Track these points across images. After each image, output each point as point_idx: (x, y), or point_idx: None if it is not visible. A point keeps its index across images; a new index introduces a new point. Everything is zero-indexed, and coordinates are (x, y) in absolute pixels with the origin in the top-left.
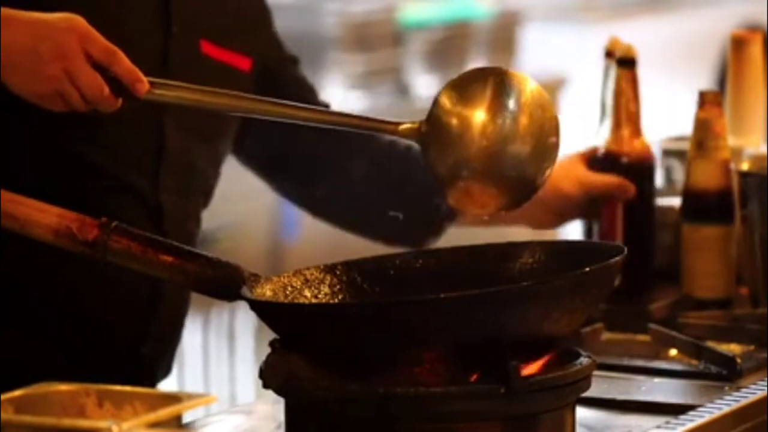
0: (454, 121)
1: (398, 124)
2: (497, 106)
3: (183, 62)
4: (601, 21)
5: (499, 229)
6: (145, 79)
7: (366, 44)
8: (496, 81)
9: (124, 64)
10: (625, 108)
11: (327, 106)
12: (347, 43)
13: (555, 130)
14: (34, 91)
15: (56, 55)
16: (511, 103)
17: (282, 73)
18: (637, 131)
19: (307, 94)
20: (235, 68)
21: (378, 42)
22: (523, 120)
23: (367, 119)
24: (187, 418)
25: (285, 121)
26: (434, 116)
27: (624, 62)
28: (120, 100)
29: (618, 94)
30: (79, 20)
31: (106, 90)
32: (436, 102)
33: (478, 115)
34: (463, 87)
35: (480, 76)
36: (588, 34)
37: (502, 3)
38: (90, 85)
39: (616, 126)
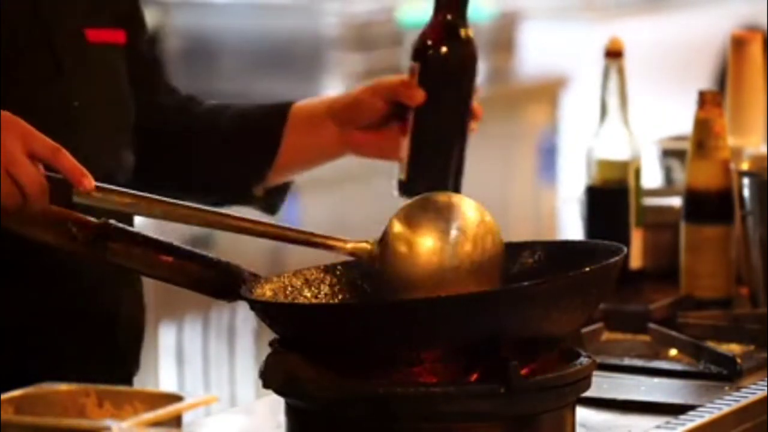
0: (403, 247)
1: (347, 242)
2: (443, 233)
3: (75, 60)
4: (601, 21)
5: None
6: (89, 175)
7: (366, 44)
8: (442, 209)
9: (68, 160)
10: None
11: (174, 89)
12: (347, 43)
13: (498, 257)
14: None
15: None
16: (455, 231)
17: (138, 44)
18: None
19: (152, 75)
20: (116, 45)
21: (378, 42)
22: (467, 247)
23: (317, 236)
24: (187, 418)
25: (233, 232)
26: (385, 240)
27: None
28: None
29: None
30: (19, 120)
31: (45, 186)
32: (388, 227)
33: (426, 241)
34: (413, 215)
35: (429, 205)
36: (588, 34)
37: (502, 3)
38: (31, 182)
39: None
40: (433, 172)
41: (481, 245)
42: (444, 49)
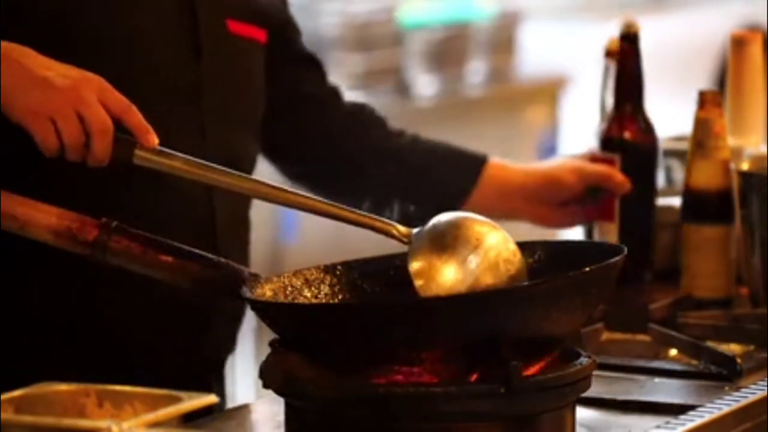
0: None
1: (394, 226)
2: (464, 262)
3: (214, 48)
4: (601, 21)
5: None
6: (155, 134)
7: (366, 44)
8: (470, 238)
9: (138, 117)
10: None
11: (336, 89)
12: (347, 43)
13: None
14: (34, 114)
15: (70, 89)
16: (474, 260)
17: (289, 45)
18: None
19: (311, 74)
20: (256, 41)
21: (378, 42)
22: (488, 279)
23: (365, 216)
24: (187, 418)
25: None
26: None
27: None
28: (107, 160)
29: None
30: (101, 79)
31: (111, 132)
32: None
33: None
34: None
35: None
36: (588, 34)
37: (502, 3)
38: (99, 124)
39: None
40: (641, 253)
41: (501, 276)
42: (640, 138)
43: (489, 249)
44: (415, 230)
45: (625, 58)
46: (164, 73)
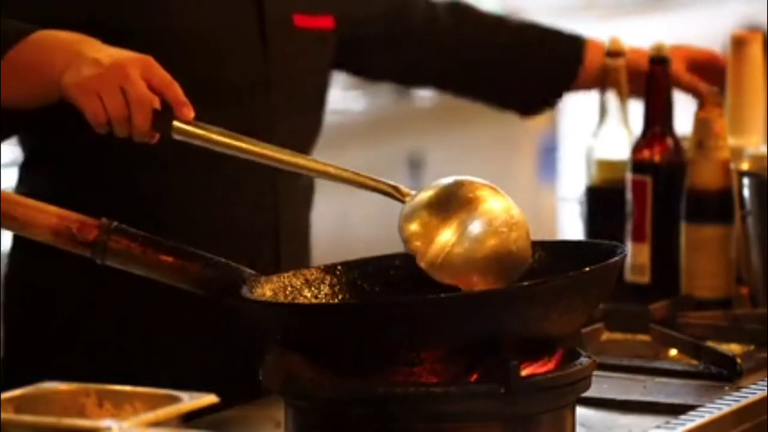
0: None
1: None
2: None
3: (281, 45)
4: (602, 20)
5: None
6: (192, 108)
7: None
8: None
9: (176, 91)
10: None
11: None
12: None
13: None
14: (83, 90)
15: (116, 66)
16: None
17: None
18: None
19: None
20: (323, 30)
21: None
22: (491, 241)
23: (369, 179)
24: (187, 418)
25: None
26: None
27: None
28: (156, 135)
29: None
30: (148, 57)
31: (150, 106)
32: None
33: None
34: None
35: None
36: (588, 34)
37: (503, 3)
38: (139, 98)
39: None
40: (671, 274)
41: (503, 240)
42: (670, 160)
43: (488, 211)
44: (413, 192)
45: (655, 81)
46: (232, 70)
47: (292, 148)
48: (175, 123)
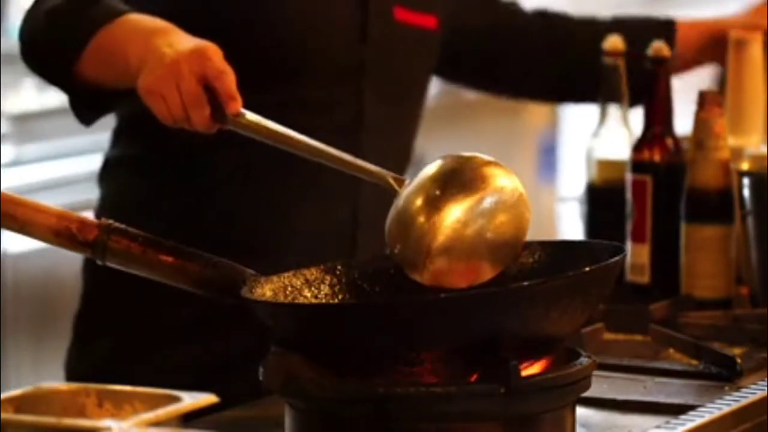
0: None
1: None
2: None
3: (380, 33)
4: None
5: None
6: (240, 101)
7: None
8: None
9: (226, 82)
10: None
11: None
12: None
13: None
14: (149, 92)
15: (174, 63)
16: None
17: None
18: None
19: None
20: (424, 29)
21: None
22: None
23: (363, 165)
24: (187, 418)
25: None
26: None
27: (656, 61)
28: (216, 126)
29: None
30: (209, 48)
31: (202, 101)
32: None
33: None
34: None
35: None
36: None
37: None
38: (190, 96)
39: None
40: (672, 275)
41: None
42: (670, 161)
43: (499, 190)
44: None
45: (655, 81)
46: (330, 55)
47: (380, 140)
48: (229, 120)
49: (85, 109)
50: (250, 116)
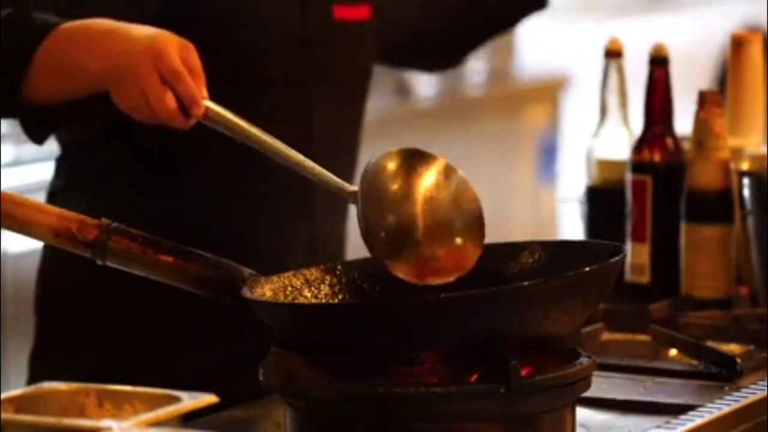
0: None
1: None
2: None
3: (321, 35)
4: (601, 21)
5: (499, 229)
6: (202, 103)
7: None
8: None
9: (186, 85)
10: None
11: None
12: None
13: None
14: (123, 105)
15: (132, 77)
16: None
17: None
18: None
19: None
20: (362, 22)
21: None
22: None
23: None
24: (187, 418)
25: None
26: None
27: (656, 61)
28: (192, 120)
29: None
30: (161, 39)
31: (173, 105)
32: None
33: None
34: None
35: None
36: (588, 34)
37: None
38: (157, 101)
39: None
40: (672, 274)
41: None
42: (670, 161)
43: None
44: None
45: (655, 81)
46: (275, 64)
47: (330, 146)
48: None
49: (37, 128)
50: (219, 110)
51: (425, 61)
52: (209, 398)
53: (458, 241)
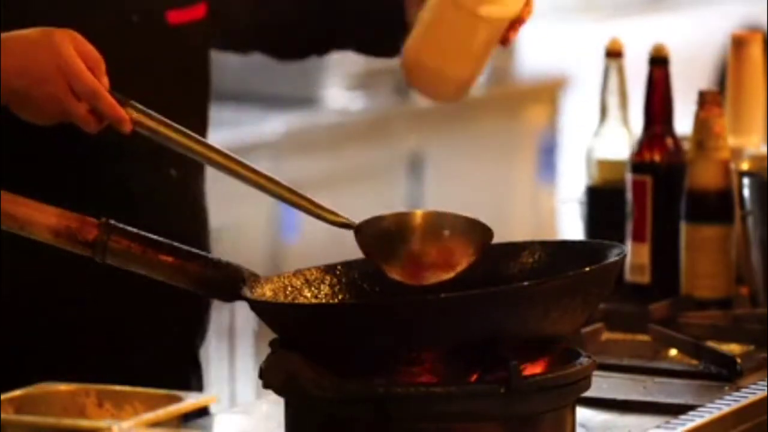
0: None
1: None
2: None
3: (150, 43)
4: (601, 21)
5: (499, 229)
6: (127, 117)
7: None
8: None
9: (104, 105)
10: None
11: None
12: None
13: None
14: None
15: (48, 97)
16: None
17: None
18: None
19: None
20: (198, 22)
21: None
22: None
23: (315, 204)
24: (187, 418)
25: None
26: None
27: (656, 61)
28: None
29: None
30: (61, 45)
31: (92, 122)
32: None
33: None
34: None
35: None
36: (588, 34)
37: None
38: (82, 117)
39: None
40: (672, 274)
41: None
42: (670, 161)
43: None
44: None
45: (655, 81)
46: (114, 81)
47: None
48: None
49: None
50: (149, 122)
51: (272, 51)
52: (209, 398)
53: (446, 233)
